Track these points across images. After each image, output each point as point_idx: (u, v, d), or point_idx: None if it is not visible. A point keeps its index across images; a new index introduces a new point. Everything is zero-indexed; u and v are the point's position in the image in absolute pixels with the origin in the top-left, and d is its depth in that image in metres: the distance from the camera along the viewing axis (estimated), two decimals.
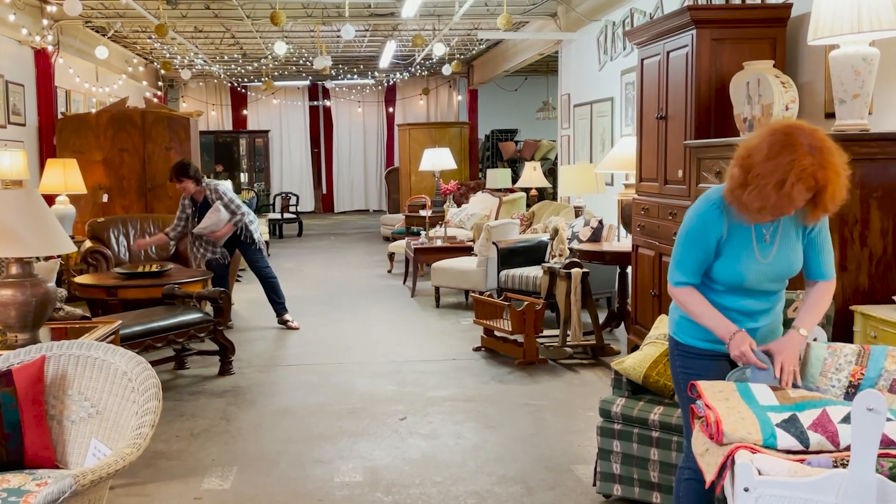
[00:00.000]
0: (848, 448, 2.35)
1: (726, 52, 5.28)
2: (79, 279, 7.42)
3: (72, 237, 8.73)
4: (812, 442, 2.41)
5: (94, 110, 12.15)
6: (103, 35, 12.59)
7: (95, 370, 3.25)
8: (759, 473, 2.34)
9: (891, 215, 4.17)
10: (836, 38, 4.13)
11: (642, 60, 6.18)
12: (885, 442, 2.37)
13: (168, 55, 15.78)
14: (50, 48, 10.84)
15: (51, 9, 10.54)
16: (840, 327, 4.01)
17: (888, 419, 2.38)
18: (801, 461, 2.39)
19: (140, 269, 7.48)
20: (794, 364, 2.85)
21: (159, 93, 17.65)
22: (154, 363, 6.36)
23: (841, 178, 2.72)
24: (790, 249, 2.95)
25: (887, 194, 4.16)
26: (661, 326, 4.27)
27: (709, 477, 2.49)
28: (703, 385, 2.71)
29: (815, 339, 3.03)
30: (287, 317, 8.38)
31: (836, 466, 2.37)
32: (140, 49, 15.37)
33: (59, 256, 6.82)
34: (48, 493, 2.56)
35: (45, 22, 10.73)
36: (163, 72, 17.39)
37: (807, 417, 2.47)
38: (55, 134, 10.36)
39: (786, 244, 2.94)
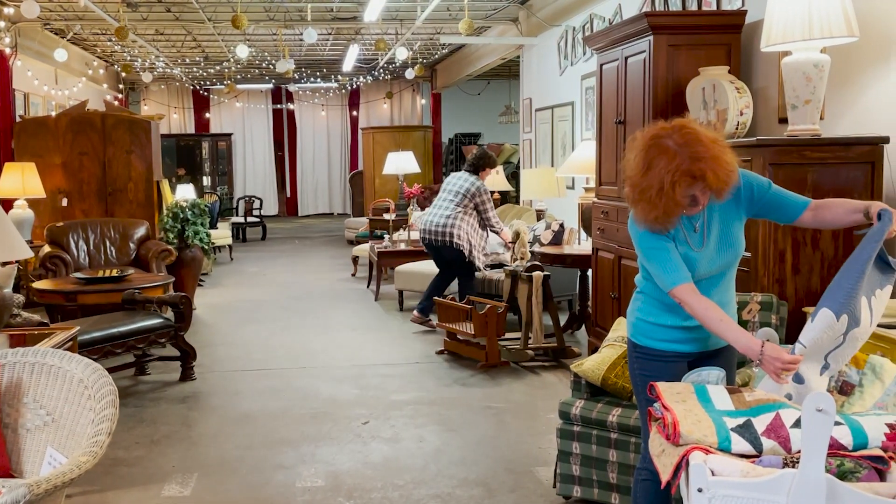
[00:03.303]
0: (799, 452, 2.40)
1: (683, 58, 5.35)
2: (37, 284, 7.34)
3: (30, 242, 8.65)
4: (765, 448, 2.46)
5: (53, 113, 11.99)
6: (62, 37, 12.44)
7: (51, 378, 3.22)
8: (713, 474, 2.38)
9: None
10: (788, 44, 4.21)
11: (601, 66, 6.24)
12: (835, 446, 2.43)
13: (129, 58, 15.62)
14: (8, 50, 10.69)
15: (8, 10, 10.39)
16: (793, 329, 4.07)
17: (836, 422, 2.43)
18: (753, 461, 2.44)
19: (100, 274, 7.41)
20: None
21: (120, 96, 17.45)
22: (114, 369, 6.35)
23: (719, 160, 2.77)
24: (726, 231, 2.99)
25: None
26: (620, 329, 4.32)
27: (664, 477, 2.53)
28: (662, 387, 2.75)
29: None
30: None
31: (787, 465, 2.42)
32: (100, 52, 15.19)
33: (16, 261, 6.73)
34: (2, 502, 2.54)
35: (1, 24, 10.57)
36: (123, 74, 17.20)
37: (761, 423, 2.51)
38: (13, 137, 10.21)
39: (719, 228, 2.98)
